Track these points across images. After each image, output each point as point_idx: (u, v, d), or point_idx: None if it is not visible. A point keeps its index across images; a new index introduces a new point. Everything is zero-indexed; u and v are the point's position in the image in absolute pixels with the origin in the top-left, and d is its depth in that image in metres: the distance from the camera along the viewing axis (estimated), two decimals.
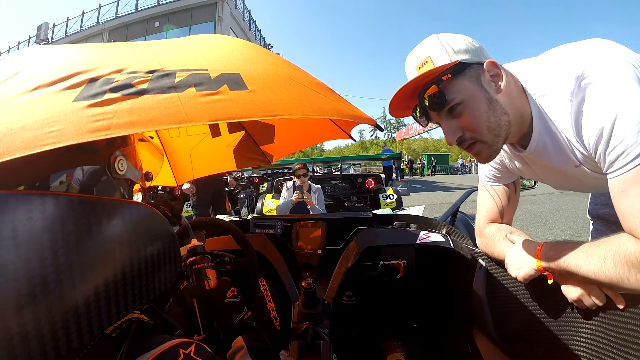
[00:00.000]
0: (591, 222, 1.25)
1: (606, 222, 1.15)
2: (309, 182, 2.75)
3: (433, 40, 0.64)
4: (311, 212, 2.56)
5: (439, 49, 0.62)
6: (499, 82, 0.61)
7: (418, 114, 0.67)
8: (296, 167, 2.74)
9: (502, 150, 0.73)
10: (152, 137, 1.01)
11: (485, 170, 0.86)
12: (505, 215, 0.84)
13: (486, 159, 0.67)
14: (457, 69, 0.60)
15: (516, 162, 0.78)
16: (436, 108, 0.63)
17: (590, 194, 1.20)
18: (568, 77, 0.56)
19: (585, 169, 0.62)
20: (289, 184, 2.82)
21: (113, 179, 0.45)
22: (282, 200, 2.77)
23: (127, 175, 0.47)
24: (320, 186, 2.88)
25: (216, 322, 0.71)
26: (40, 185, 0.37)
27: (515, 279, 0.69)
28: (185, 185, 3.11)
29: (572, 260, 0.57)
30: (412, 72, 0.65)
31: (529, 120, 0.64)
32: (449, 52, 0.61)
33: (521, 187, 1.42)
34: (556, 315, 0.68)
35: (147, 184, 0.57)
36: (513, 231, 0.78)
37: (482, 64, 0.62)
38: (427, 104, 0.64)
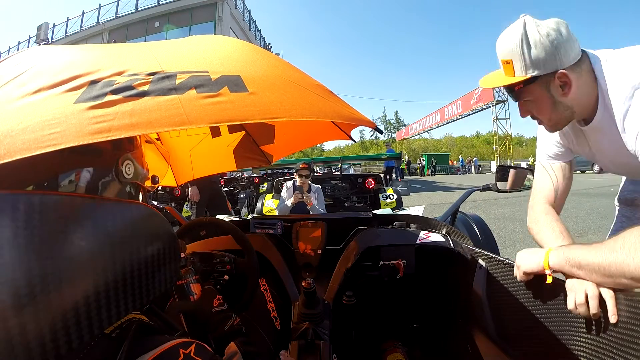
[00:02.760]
0: (617, 207, 1.28)
1: (636, 207, 1.19)
2: (309, 182, 2.75)
3: (517, 40, 0.71)
4: (311, 213, 2.56)
5: (519, 58, 0.72)
6: (567, 89, 0.71)
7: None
8: (300, 166, 2.74)
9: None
10: (158, 139, 1.01)
11: (546, 149, 0.93)
12: (559, 195, 0.89)
13: (550, 132, 0.84)
14: (529, 79, 0.72)
15: (577, 137, 0.87)
16: (513, 98, 0.81)
17: (623, 180, 1.25)
18: (628, 82, 0.65)
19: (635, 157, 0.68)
20: (289, 183, 2.82)
21: (120, 182, 0.45)
22: (281, 200, 2.77)
23: (134, 178, 0.48)
24: (320, 186, 2.88)
25: (207, 331, 0.70)
26: (48, 185, 0.37)
27: (516, 275, 0.72)
28: (192, 191, 3.12)
29: (582, 252, 0.60)
30: (499, 60, 0.78)
31: (593, 108, 0.74)
32: (527, 64, 0.71)
33: (522, 187, 1.44)
34: (556, 315, 0.68)
35: (154, 187, 0.57)
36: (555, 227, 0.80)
37: (555, 72, 0.70)
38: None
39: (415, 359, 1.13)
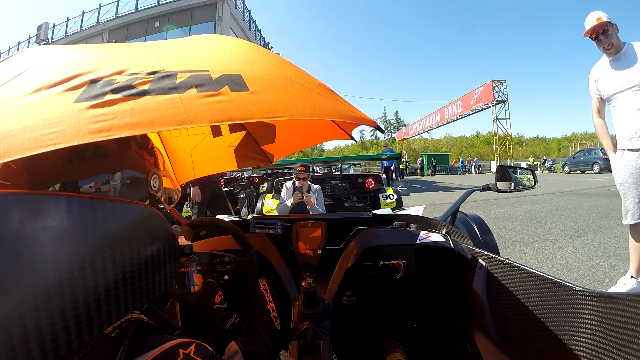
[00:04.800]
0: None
1: None
2: (308, 182, 2.74)
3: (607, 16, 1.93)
4: (311, 213, 2.56)
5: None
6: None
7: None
8: (298, 169, 2.71)
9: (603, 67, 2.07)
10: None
11: (592, 90, 2.15)
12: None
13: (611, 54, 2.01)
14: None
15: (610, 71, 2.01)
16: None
17: None
18: None
19: None
20: (289, 184, 2.81)
21: (147, 191, 0.53)
22: (281, 200, 2.77)
23: (158, 192, 0.55)
24: (319, 186, 2.87)
25: (206, 328, 0.70)
26: (72, 187, 0.42)
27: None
28: (194, 191, 3.13)
29: None
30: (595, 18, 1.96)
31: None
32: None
33: (521, 188, 1.44)
34: (556, 315, 0.68)
35: (170, 207, 0.66)
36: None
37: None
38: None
39: (415, 359, 1.13)
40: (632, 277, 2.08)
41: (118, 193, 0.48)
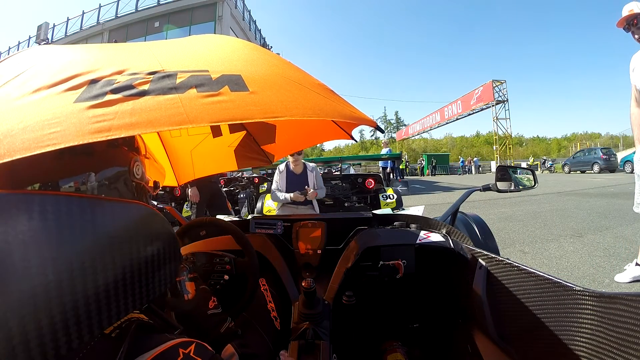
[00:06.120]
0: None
1: None
2: (303, 161, 2.64)
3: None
4: (315, 201, 2.54)
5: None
6: None
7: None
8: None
9: None
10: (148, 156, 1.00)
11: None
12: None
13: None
14: None
15: None
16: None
17: None
18: None
19: None
20: (282, 167, 2.70)
21: (131, 181, 0.50)
22: (275, 185, 2.66)
23: (142, 180, 0.52)
24: (315, 164, 2.77)
25: (201, 334, 0.69)
26: (52, 185, 0.39)
27: None
28: (192, 192, 3.12)
29: None
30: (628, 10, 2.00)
31: None
32: None
33: (521, 188, 1.45)
34: (556, 315, 0.68)
35: (155, 192, 0.62)
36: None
37: None
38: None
39: (415, 359, 1.13)
40: (637, 264, 2.15)
41: (104, 190, 0.45)
